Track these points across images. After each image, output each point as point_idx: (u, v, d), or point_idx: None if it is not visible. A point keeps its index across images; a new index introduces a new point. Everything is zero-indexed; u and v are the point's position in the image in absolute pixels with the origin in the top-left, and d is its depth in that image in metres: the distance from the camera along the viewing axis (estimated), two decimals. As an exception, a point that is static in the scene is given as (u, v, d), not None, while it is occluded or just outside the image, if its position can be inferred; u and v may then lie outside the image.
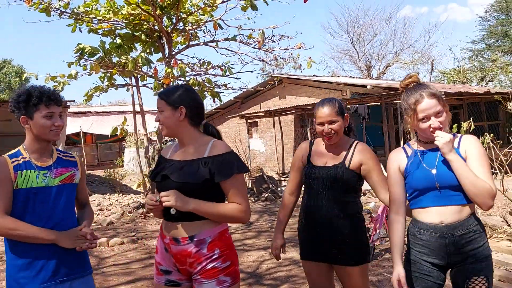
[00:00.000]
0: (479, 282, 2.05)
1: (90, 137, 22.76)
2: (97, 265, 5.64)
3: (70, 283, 2.16)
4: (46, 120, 2.14)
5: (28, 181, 2.10)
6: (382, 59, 31.78)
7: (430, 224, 2.10)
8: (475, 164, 2.04)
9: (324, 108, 2.48)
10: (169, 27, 9.85)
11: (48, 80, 9.08)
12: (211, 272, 2.01)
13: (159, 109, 2.14)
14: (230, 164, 2.03)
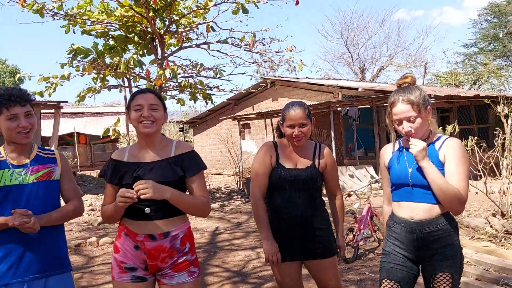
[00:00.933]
0: (444, 278, 2.15)
1: (84, 137, 22.77)
2: (86, 263, 5.72)
3: (45, 280, 2.17)
4: (11, 123, 2.14)
5: (2, 179, 2.14)
6: (376, 62, 32.06)
7: (402, 218, 2.23)
8: (451, 168, 2.12)
9: (295, 111, 2.53)
10: (162, 29, 9.95)
11: (41, 80, 9.16)
12: (183, 264, 2.15)
13: (152, 106, 2.14)
14: (197, 160, 2.22)
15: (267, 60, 11.15)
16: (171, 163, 2.17)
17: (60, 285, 2.23)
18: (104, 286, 4.74)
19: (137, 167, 2.16)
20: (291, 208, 2.60)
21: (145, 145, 2.22)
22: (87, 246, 6.68)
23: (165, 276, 2.16)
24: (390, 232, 2.30)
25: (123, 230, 2.19)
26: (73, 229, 8.27)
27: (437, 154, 2.17)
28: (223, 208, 10.25)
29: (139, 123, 2.15)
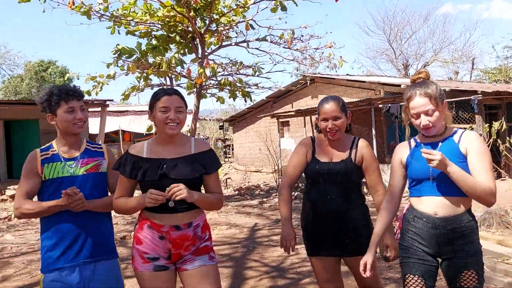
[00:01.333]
0: (470, 275, 2.14)
1: (128, 135, 23.50)
2: (130, 255, 5.93)
3: (94, 265, 2.32)
4: (68, 115, 2.33)
5: (54, 171, 2.32)
6: (420, 58, 31.11)
7: (424, 213, 2.21)
8: (474, 161, 2.12)
9: (329, 104, 2.57)
10: (202, 28, 10.14)
11: (88, 80, 9.57)
12: (204, 249, 2.32)
13: (178, 109, 2.24)
14: (216, 159, 2.38)
15: (307, 57, 11.10)
16: (192, 160, 2.29)
17: (107, 270, 2.37)
18: (147, 277, 4.91)
19: (159, 164, 2.24)
20: (325, 201, 2.61)
21: (165, 142, 2.31)
22: (131, 238, 6.93)
23: (186, 262, 2.28)
24: (408, 227, 2.28)
25: (146, 223, 2.27)
26: (119, 223, 8.60)
27: (458, 147, 2.17)
28: (262, 205, 10.33)
29: (165, 124, 2.24)
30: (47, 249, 2.32)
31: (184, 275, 2.31)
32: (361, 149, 2.64)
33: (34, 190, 2.33)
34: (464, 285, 2.15)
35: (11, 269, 5.49)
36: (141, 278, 2.27)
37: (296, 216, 4.11)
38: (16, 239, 7.43)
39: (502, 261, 4.62)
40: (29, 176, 2.32)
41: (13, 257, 6.15)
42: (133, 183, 2.31)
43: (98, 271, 2.34)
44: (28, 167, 2.33)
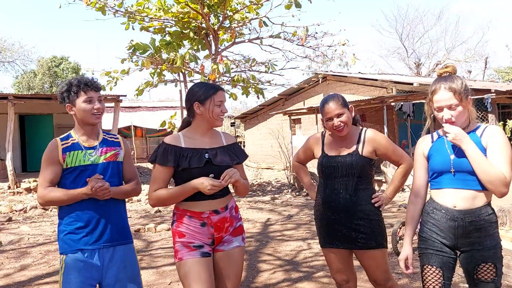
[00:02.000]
0: (487, 268, 2.15)
1: (140, 131, 23.68)
2: (146, 247, 6.04)
3: (113, 249, 2.41)
4: (87, 105, 2.40)
5: (76, 160, 2.39)
6: (432, 57, 30.90)
7: (443, 205, 2.22)
8: (494, 152, 2.13)
9: (329, 104, 2.62)
10: (216, 25, 10.20)
11: (102, 75, 9.70)
12: (240, 228, 2.50)
13: (222, 102, 2.41)
14: (243, 150, 2.60)
15: (319, 55, 11.11)
16: (227, 150, 2.46)
17: (125, 254, 2.46)
18: (163, 268, 5.00)
19: (201, 153, 2.36)
20: (334, 195, 2.66)
21: (201, 133, 2.43)
22: (145, 231, 7.04)
23: (224, 243, 2.41)
24: (427, 218, 2.30)
25: (185, 214, 2.36)
26: (132, 216, 8.72)
27: (480, 140, 2.18)
28: (274, 201, 10.39)
29: (218, 117, 2.40)
30: (68, 232, 2.38)
31: (221, 256, 2.41)
32: (369, 140, 2.65)
33: (56, 178, 2.40)
34: (481, 277, 2.17)
35: (29, 259, 5.61)
36: (188, 266, 2.30)
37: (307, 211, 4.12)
38: (33, 230, 7.57)
39: None
40: (51, 165, 2.39)
41: (30, 247, 6.28)
42: (170, 174, 2.38)
43: (117, 255, 2.42)
44: (50, 156, 2.39)
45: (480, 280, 2.17)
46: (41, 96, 13.97)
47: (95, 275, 2.37)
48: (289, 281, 4.38)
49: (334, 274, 2.78)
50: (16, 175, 11.77)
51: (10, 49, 31.84)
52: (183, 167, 2.33)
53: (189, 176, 2.31)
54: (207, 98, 2.39)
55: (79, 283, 2.34)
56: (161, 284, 4.45)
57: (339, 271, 2.73)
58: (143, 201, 10.72)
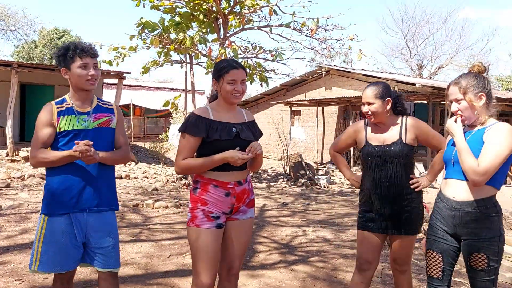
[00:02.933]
0: (479, 258, 2.29)
1: (139, 110, 23.69)
2: (144, 222, 6.15)
3: (98, 214, 2.47)
4: (82, 70, 2.41)
5: (70, 124, 2.41)
6: (435, 60, 30.99)
7: (445, 195, 2.41)
8: (485, 145, 2.26)
9: (367, 90, 2.79)
10: (227, 9, 10.20)
11: (110, 50, 9.69)
12: (253, 201, 2.67)
13: (243, 80, 2.48)
14: (259, 128, 2.73)
15: (326, 48, 11.16)
16: (249, 126, 2.61)
17: (110, 220, 2.53)
18: (162, 242, 5.12)
19: (228, 126, 2.48)
20: (378, 184, 2.75)
21: (227, 109, 2.55)
22: (144, 207, 7.14)
23: (239, 213, 2.57)
24: (434, 207, 2.49)
25: (211, 183, 2.46)
26: (129, 192, 8.82)
27: (481, 135, 2.30)
28: (269, 188, 10.52)
29: (231, 94, 2.47)
30: (54, 193, 2.41)
31: (235, 224, 2.56)
32: (410, 128, 2.75)
33: (49, 141, 2.42)
34: (473, 265, 2.31)
35: (30, 224, 5.71)
36: (203, 235, 2.43)
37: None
38: (31, 198, 7.66)
39: (505, 258, 4.78)
40: (45, 127, 2.41)
41: (30, 213, 6.37)
42: (198, 144, 2.46)
43: (102, 220, 2.49)
44: (44, 118, 2.41)
45: (472, 268, 2.32)
46: (44, 67, 13.92)
47: (78, 239, 2.41)
48: (285, 263, 4.51)
49: (359, 253, 2.87)
50: (14, 143, 11.80)
51: (14, 18, 31.48)
52: (214, 138, 2.43)
53: (217, 148, 2.42)
54: (220, 76, 2.48)
55: (63, 245, 2.39)
56: (160, 256, 4.57)
57: (367, 252, 2.82)
58: (140, 178, 10.81)
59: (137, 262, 4.34)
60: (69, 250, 2.41)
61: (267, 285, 3.85)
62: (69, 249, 2.41)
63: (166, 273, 4.08)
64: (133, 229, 5.67)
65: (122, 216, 6.36)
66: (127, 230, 5.60)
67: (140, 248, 4.83)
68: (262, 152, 2.49)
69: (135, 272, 4.06)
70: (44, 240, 2.40)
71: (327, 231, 6.03)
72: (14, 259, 4.26)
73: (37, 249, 2.41)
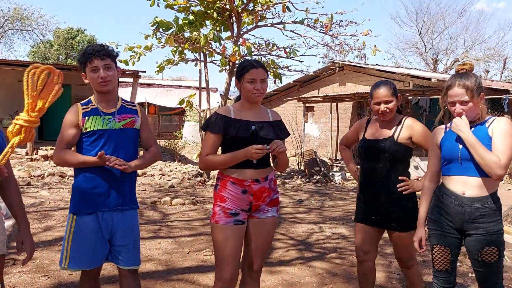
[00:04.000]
0: (491, 251, 2.34)
1: (153, 108, 23.88)
2: (162, 219, 6.26)
3: (122, 213, 2.55)
4: (93, 74, 2.48)
5: (95, 124, 2.49)
6: (450, 54, 30.64)
7: (453, 192, 2.42)
8: (496, 139, 2.32)
9: (381, 89, 2.79)
10: (240, 7, 10.23)
11: (126, 50, 9.81)
12: (276, 200, 2.69)
13: (263, 79, 2.55)
14: (285, 128, 2.77)
15: (339, 43, 11.13)
16: (272, 125, 2.64)
17: (133, 218, 2.62)
18: (180, 238, 5.21)
19: (248, 124, 2.54)
20: (369, 178, 2.87)
21: (250, 108, 2.62)
22: (161, 204, 7.26)
23: (260, 211, 2.61)
24: (438, 202, 2.50)
25: (229, 180, 2.55)
26: (147, 189, 8.95)
27: (487, 131, 2.37)
28: (284, 185, 10.56)
29: (252, 94, 2.55)
30: (82, 192, 2.49)
31: (255, 222, 2.62)
32: (406, 127, 2.81)
33: (73, 141, 2.51)
34: (485, 259, 2.35)
35: (53, 221, 5.85)
36: (220, 230, 2.52)
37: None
38: (52, 196, 7.83)
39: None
40: (70, 128, 2.50)
41: (52, 211, 6.53)
42: (219, 141, 2.56)
43: (126, 218, 2.57)
44: (70, 119, 2.50)
45: (485, 262, 2.36)
46: (60, 67, 14.12)
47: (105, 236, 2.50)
48: (302, 259, 4.56)
49: (356, 244, 2.99)
50: (34, 142, 12.04)
51: (30, 18, 31.98)
52: (231, 135, 2.51)
53: (235, 144, 2.50)
54: (241, 76, 2.58)
55: (92, 243, 2.47)
56: (180, 252, 4.66)
57: (363, 243, 2.93)
58: (156, 176, 10.95)
59: (157, 259, 4.43)
60: (97, 247, 2.50)
61: (285, 281, 3.91)
62: (97, 246, 2.50)
63: (186, 269, 4.16)
64: (152, 226, 5.78)
65: (141, 213, 6.47)
66: (147, 227, 5.71)
67: (160, 245, 4.93)
68: (284, 151, 2.51)
69: (156, 268, 4.15)
70: (74, 238, 2.49)
71: (344, 227, 6.05)
72: (40, 255, 4.39)
73: (67, 247, 2.50)
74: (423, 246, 2.53)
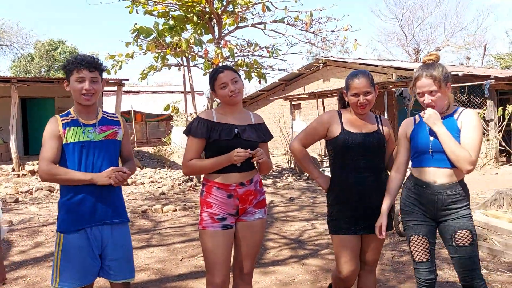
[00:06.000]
0: (464, 234, 2.41)
1: (140, 115, 23.76)
2: (154, 227, 6.22)
3: (111, 227, 2.49)
4: (77, 84, 2.38)
5: (76, 135, 2.41)
6: (431, 43, 30.93)
7: (425, 181, 2.48)
8: (465, 133, 2.40)
9: (360, 79, 2.54)
10: (220, 9, 10.22)
11: (107, 59, 9.74)
12: (263, 202, 2.69)
13: (233, 79, 2.54)
14: (269, 131, 2.76)
15: (321, 40, 11.17)
16: (255, 128, 2.64)
17: (124, 232, 2.56)
18: (173, 245, 5.19)
19: (230, 127, 2.54)
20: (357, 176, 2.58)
21: (231, 111, 2.62)
22: (152, 212, 7.21)
23: (248, 214, 2.61)
24: (410, 193, 2.54)
25: (213, 186, 2.54)
26: (137, 198, 8.90)
27: (456, 123, 2.44)
28: (275, 184, 10.57)
29: (228, 97, 2.54)
30: (68, 209, 2.42)
31: (243, 225, 2.62)
32: (384, 122, 2.73)
33: (58, 153, 2.41)
34: (459, 243, 2.41)
35: (42, 237, 5.78)
36: (209, 236, 2.52)
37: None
38: (41, 211, 7.74)
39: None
40: (52, 139, 2.40)
41: (41, 226, 6.45)
42: (203, 145, 2.56)
43: (116, 231, 2.52)
44: (51, 131, 2.41)
45: (459, 246, 2.41)
46: (43, 80, 14.02)
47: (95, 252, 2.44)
48: (296, 258, 4.57)
49: (343, 263, 2.62)
50: (19, 158, 11.89)
51: (8, 32, 31.56)
52: (214, 139, 2.51)
53: (219, 148, 2.50)
54: (213, 85, 2.60)
55: (81, 260, 2.41)
56: (173, 260, 4.64)
57: (350, 260, 2.61)
58: (146, 183, 10.89)
59: (150, 268, 4.41)
60: (87, 264, 2.45)
61: (279, 281, 3.91)
62: (87, 263, 2.44)
63: (180, 276, 4.14)
64: (144, 235, 5.74)
65: (132, 223, 6.42)
66: (138, 236, 5.67)
67: (153, 253, 4.90)
68: (265, 161, 2.53)
69: (149, 278, 4.13)
70: (63, 257, 2.43)
71: (336, 223, 6.07)
72: (30, 273, 4.33)
73: (57, 266, 2.44)
74: (383, 232, 2.52)
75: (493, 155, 11.56)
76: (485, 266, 4.08)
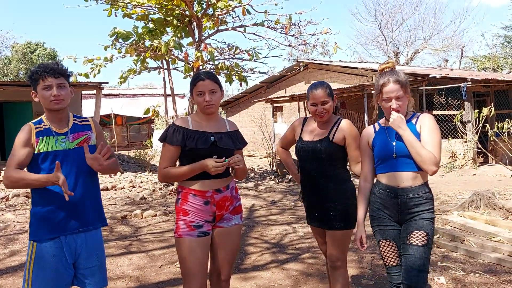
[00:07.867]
0: (420, 235, 2.45)
1: (121, 118, 23.50)
2: (134, 233, 6.14)
3: (85, 234, 2.46)
4: (45, 92, 2.37)
5: (49, 145, 2.38)
6: (410, 45, 31.37)
7: (388, 185, 2.54)
8: (425, 136, 2.49)
9: (317, 90, 2.77)
10: (199, 12, 10.18)
11: (85, 62, 9.59)
12: (239, 208, 2.71)
13: (212, 90, 2.54)
14: (243, 137, 2.80)
15: (301, 43, 11.22)
16: (230, 135, 2.66)
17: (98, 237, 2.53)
18: (153, 252, 5.12)
19: (206, 135, 2.54)
20: (306, 177, 2.88)
21: (207, 119, 2.62)
22: (132, 217, 7.12)
23: (224, 220, 2.61)
24: (375, 199, 2.61)
25: (190, 193, 2.53)
26: (117, 203, 8.77)
27: (415, 127, 2.53)
28: (257, 187, 10.56)
29: (203, 106, 2.55)
30: (41, 217, 2.38)
31: (220, 232, 2.61)
32: (342, 129, 2.78)
33: (26, 161, 2.37)
34: (413, 241, 2.44)
35: (18, 245, 5.65)
36: (185, 244, 2.50)
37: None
38: (17, 218, 7.56)
39: (489, 238, 4.91)
40: (23, 147, 2.36)
41: (18, 234, 6.30)
42: (178, 153, 2.54)
43: (90, 238, 2.48)
44: (23, 138, 2.37)
45: (412, 244, 2.44)
46: (21, 83, 13.74)
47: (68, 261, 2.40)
48: (277, 262, 4.57)
49: (319, 245, 3.06)
50: (-4, 163, 11.62)
51: (-16, 35, 30.85)
52: (190, 147, 2.50)
53: (195, 156, 2.49)
54: (191, 91, 2.61)
55: (54, 269, 2.37)
56: (152, 267, 4.58)
57: (323, 244, 2.98)
58: (127, 188, 10.75)
59: (129, 275, 4.34)
60: (60, 273, 2.40)
61: (259, 287, 3.90)
62: (60, 272, 2.40)
63: (159, 283, 4.09)
64: (123, 242, 5.66)
65: (111, 229, 6.33)
66: (117, 243, 5.59)
67: (131, 260, 4.83)
68: (242, 167, 2.55)
69: (127, 286, 4.07)
70: (35, 266, 2.38)
71: (316, 226, 6.09)
72: (4, 283, 4.22)
73: (29, 275, 2.39)
74: (364, 244, 2.63)
75: (471, 156, 11.78)
76: (462, 267, 4.15)
